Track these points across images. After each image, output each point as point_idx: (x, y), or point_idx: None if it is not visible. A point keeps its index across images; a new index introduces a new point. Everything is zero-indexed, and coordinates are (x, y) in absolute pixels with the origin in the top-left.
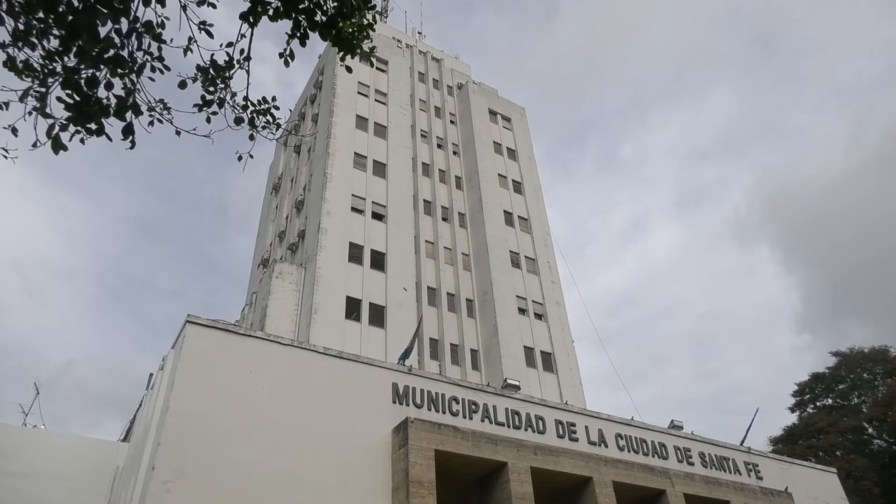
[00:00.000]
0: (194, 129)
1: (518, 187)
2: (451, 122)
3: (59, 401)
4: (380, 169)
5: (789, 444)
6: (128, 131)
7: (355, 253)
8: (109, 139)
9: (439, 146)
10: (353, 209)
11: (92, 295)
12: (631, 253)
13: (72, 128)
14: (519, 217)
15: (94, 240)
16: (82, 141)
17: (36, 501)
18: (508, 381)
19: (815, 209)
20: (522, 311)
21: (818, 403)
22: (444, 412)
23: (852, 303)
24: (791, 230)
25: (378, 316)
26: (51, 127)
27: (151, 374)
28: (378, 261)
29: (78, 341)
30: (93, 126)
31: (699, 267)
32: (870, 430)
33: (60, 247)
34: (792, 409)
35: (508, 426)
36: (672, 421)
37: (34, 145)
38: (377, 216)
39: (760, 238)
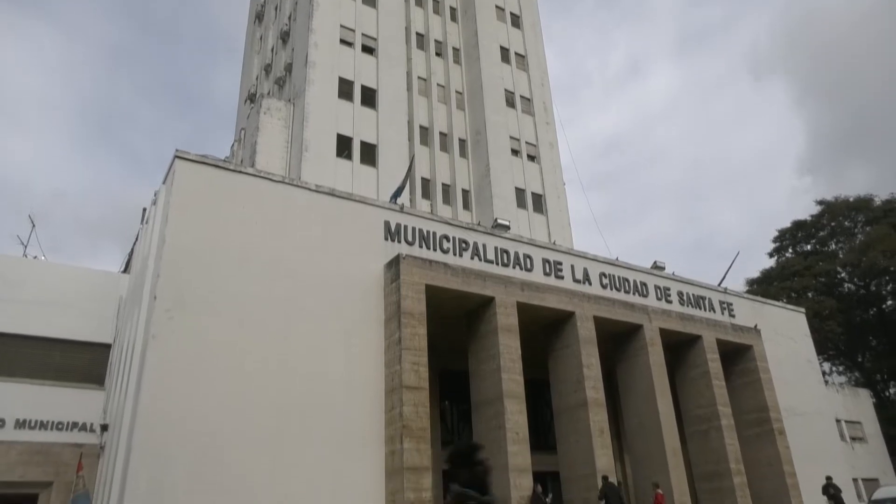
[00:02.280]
0: None
1: (516, 21)
2: None
3: (55, 230)
4: None
5: (764, 286)
6: None
7: (345, 89)
8: None
9: None
10: (342, 41)
11: (76, 128)
12: (626, 97)
13: None
14: (516, 53)
15: (71, 72)
16: None
17: (45, 327)
18: (499, 220)
19: (839, 40)
20: (515, 152)
21: (797, 249)
22: (434, 250)
23: (860, 144)
24: (811, 64)
25: (369, 154)
26: None
27: (145, 209)
28: (369, 97)
29: (66, 173)
30: None
31: (695, 113)
32: (842, 275)
33: (37, 77)
34: (771, 254)
35: (497, 264)
36: (655, 262)
37: None
38: (367, 49)
39: (777, 72)
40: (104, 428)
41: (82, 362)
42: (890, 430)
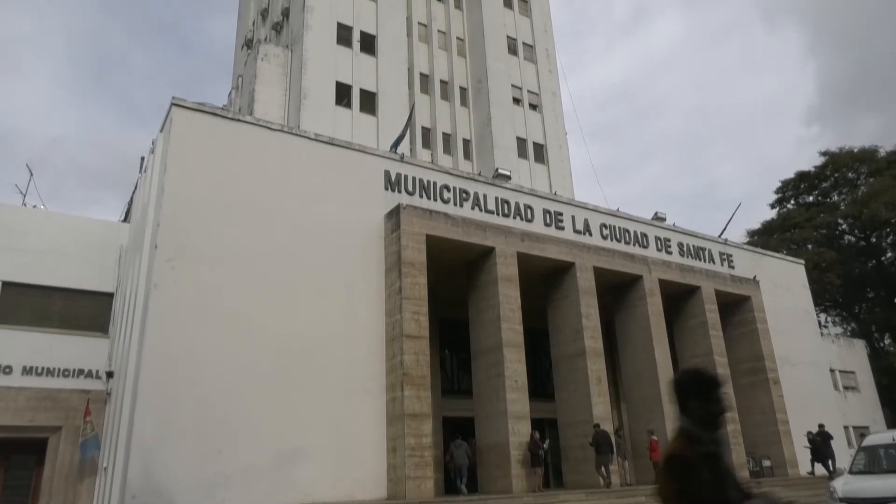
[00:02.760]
0: None
1: None
2: None
3: (53, 179)
4: None
5: (764, 238)
6: None
7: (344, 34)
8: None
9: None
10: None
11: (70, 74)
12: (631, 44)
13: None
14: None
15: (63, 14)
16: None
17: (48, 275)
18: (500, 170)
19: None
20: (517, 100)
21: (799, 200)
22: (435, 200)
23: (870, 94)
24: (824, 9)
25: (369, 102)
26: None
27: (143, 158)
28: (368, 43)
29: (62, 120)
30: None
31: (700, 60)
32: (843, 227)
33: (28, 21)
34: (772, 206)
35: (498, 214)
36: (656, 213)
37: None
38: None
39: (788, 18)
40: (110, 375)
41: (85, 311)
42: (882, 380)
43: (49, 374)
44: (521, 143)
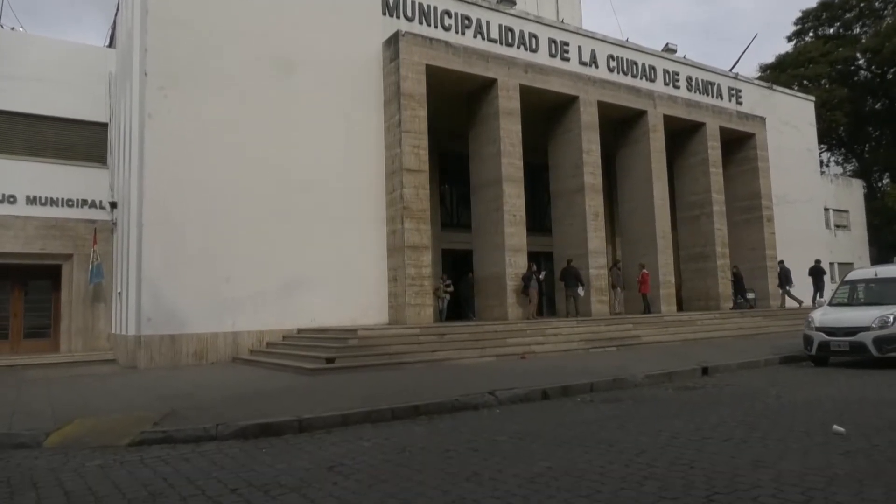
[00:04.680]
0: None
1: None
2: None
3: None
4: None
5: (777, 73)
6: None
7: None
8: None
9: None
10: None
11: None
12: None
13: None
14: None
15: None
16: None
17: (34, 103)
18: None
19: None
20: None
21: (818, 32)
22: (435, 27)
23: None
24: None
25: None
26: None
27: None
28: None
29: None
30: None
31: None
32: (860, 61)
33: None
34: (790, 38)
35: (501, 43)
36: (667, 44)
37: None
38: None
39: None
40: (113, 205)
41: (80, 141)
42: (874, 220)
43: (53, 204)
44: None
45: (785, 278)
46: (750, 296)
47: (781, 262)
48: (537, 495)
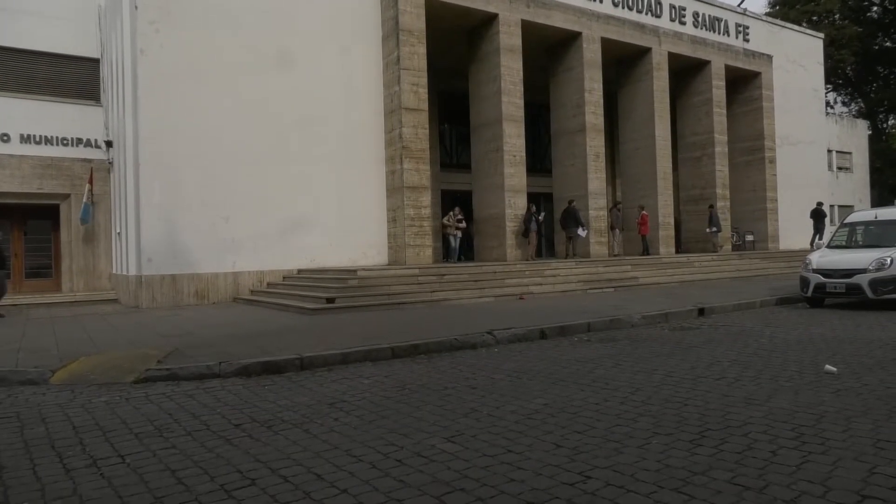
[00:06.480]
0: None
1: None
2: None
3: None
4: None
5: (786, 8)
6: None
7: None
8: None
9: None
10: None
11: None
12: None
13: None
14: None
15: None
16: None
17: (20, 37)
18: None
19: None
20: None
21: None
22: None
23: None
24: None
25: None
26: None
27: None
28: None
29: None
30: None
31: None
32: None
33: None
34: None
35: None
36: None
37: None
38: None
39: None
40: (109, 144)
41: (72, 77)
42: (876, 162)
43: (48, 143)
44: None
45: (713, 222)
46: (749, 238)
47: (711, 206)
48: (534, 431)
